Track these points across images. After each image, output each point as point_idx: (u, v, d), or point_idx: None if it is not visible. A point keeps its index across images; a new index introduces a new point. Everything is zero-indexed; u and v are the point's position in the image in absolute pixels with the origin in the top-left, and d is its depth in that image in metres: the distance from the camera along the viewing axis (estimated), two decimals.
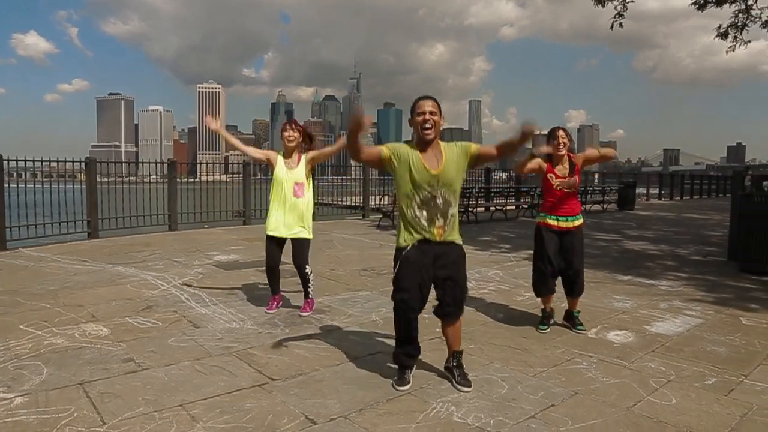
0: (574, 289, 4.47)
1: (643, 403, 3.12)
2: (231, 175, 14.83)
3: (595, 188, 19.63)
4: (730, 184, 30.68)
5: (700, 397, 3.23)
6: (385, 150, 3.23)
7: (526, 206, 15.29)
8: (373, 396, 3.16)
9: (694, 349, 4.08)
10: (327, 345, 4.02)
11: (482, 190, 15.11)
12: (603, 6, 11.84)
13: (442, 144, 3.27)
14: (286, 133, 4.70)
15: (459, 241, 3.32)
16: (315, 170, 4.91)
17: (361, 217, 13.91)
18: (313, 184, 4.94)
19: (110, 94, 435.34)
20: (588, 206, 17.54)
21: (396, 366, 3.42)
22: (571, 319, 4.54)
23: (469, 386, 3.26)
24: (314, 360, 3.70)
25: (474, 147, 3.31)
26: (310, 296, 4.85)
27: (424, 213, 3.20)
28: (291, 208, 4.67)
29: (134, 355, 3.75)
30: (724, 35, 12.56)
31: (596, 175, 27.99)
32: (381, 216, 12.27)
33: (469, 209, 13.46)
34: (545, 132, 4.53)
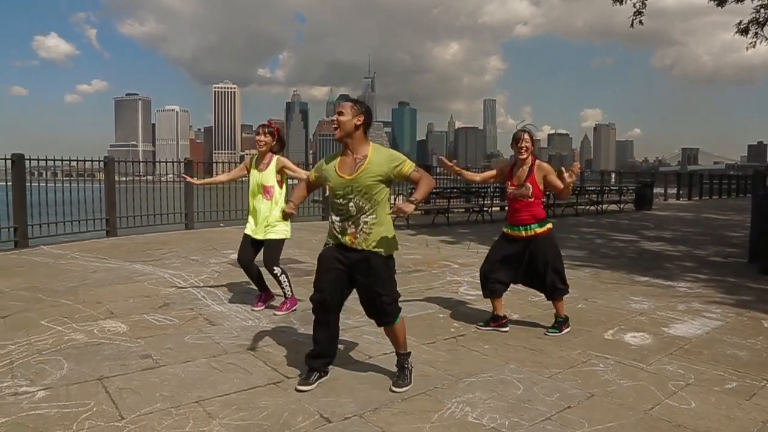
0: (554, 294, 4.38)
1: (661, 407, 3.09)
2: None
3: (611, 188, 19.43)
4: (750, 183, 30.26)
5: (720, 401, 3.18)
6: (312, 174, 3.41)
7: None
8: (388, 395, 3.17)
9: (713, 352, 4.02)
10: (342, 344, 4.03)
11: (497, 189, 15.04)
12: (621, 4, 11.72)
13: (372, 149, 3.18)
14: (257, 137, 4.78)
15: (378, 249, 3.18)
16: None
17: None
18: (286, 187, 4.91)
19: (128, 95, 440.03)
20: (604, 206, 17.40)
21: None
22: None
23: (401, 387, 3.22)
24: None
25: (406, 168, 3.16)
26: (288, 296, 4.86)
27: (338, 218, 3.21)
28: (258, 209, 4.77)
29: (152, 351, 3.79)
30: (744, 31, 12.38)
31: (613, 175, 27.72)
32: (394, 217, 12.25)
33: (484, 209, 13.41)
34: (562, 131, 4.49)
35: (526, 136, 4.31)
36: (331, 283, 3.21)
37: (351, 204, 3.14)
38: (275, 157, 4.75)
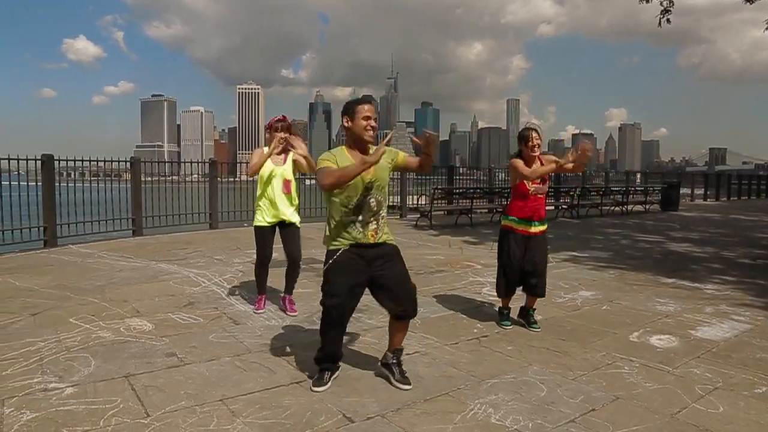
0: (537, 291, 4.47)
1: (688, 411, 3.03)
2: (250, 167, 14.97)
3: (637, 188, 19.14)
4: None
5: (750, 406, 3.11)
6: (330, 164, 3.11)
7: (565, 206, 15.02)
8: (411, 396, 3.16)
9: (742, 355, 3.94)
10: (365, 344, 4.04)
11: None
12: (648, 2, 11.54)
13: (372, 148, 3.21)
14: (279, 134, 4.73)
15: (393, 240, 3.31)
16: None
17: (398, 217, 13.91)
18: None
19: (153, 96, 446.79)
20: (630, 207, 17.15)
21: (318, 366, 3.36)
22: (527, 317, 4.56)
23: (409, 384, 3.23)
24: (352, 358, 3.72)
25: (401, 155, 3.30)
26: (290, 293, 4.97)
27: (358, 217, 3.16)
28: (282, 201, 4.74)
29: (176, 350, 3.84)
30: None
31: (638, 175, 27.31)
32: (418, 216, 12.26)
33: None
34: (587, 131, 4.46)
35: (534, 134, 4.35)
36: (349, 288, 3.18)
37: (372, 200, 3.16)
38: (291, 152, 4.79)
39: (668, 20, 11.52)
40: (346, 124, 3.20)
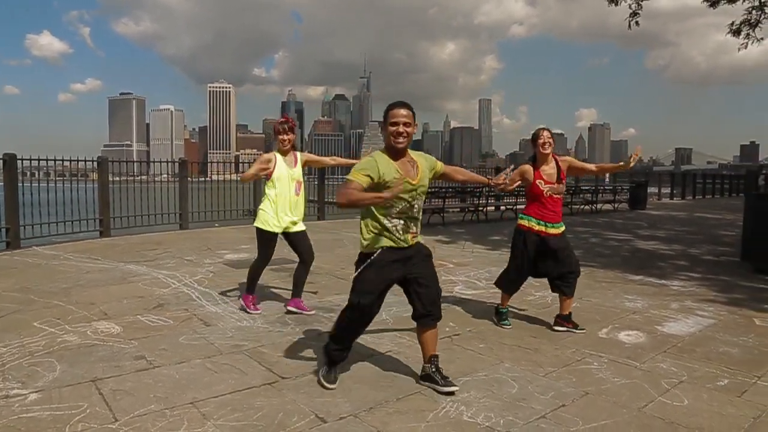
0: (572, 290, 4.47)
1: (655, 404, 3.10)
2: (242, 174, 14.87)
3: (606, 187, 19.49)
4: (743, 183, 30.40)
5: (713, 398, 3.20)
6: (362, 180, 3.04)
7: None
8: (383, 395, 3.17)
9: (706, 349, 4.05)
10: None
11: (492, 189, 15.05)
12: (617, 5, 11.74)
13: (413, 153, 3.27)
14: (283, 137, 4.74)
15: (421, 240, 3.37)
16: (325, 168, 5.03)
17: None
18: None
19: (122, 94, 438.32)
20: (599, 206, 17.45)
21: (326, 360, 3.40)
22: (571, 322, 4.49)
23: (455, 386, 3.24)
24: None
25: (440, 165, 3.41)
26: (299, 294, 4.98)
27: (400, 221, 3.18)
28: (293, 204, 4.77)
29: (146, 352, 3.78)
30: (736, 32, 12.41)
31: (607, 175, 27.77)
32: None
33: (480, 208, 13.43)
34: (557, 131, 4.54)
35: (546, 132, 4.40)
36: (384, 287, 3.24)
37: (416, 205, 3.22)
38: (299, 154, 4.84)
39: (637, 23, 11.73)
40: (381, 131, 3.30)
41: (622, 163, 4.48)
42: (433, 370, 3.32)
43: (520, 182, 4.45)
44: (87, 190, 9.78)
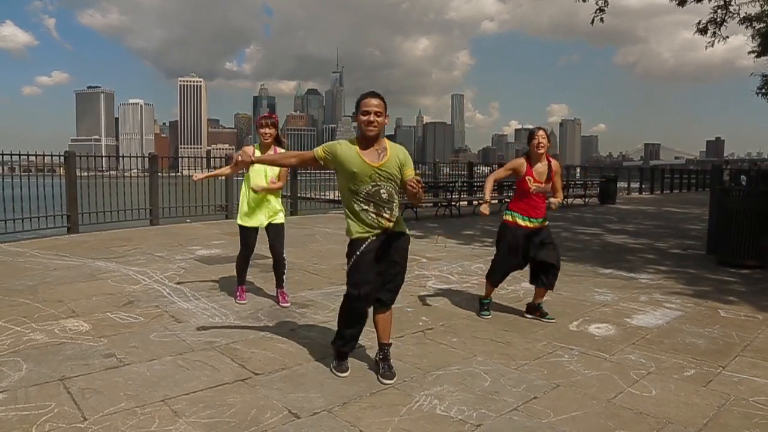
0: (553, 281, 4.59)
1: (624, 395, 3.17)
2: (213, 169, 14.68)
3: (576, 182, 19.79)
4: (709, 178, 31.09)
5: (679, 388, 3.28)
6: (319, 153, 3.30)
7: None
8: (357, 390, 3.17)
9: (673, 341, 4.15)
10: (310, 339, 4.02)
11: (465, 184, 15.17)
12: (584, 1, 11.88)
13: (389, 143, 3.32)
14: (264, 130, 4.75)
15: (404, 230, 3.40)
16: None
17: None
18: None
19: (89, 87, 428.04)
20: (569, 200, 17.69)
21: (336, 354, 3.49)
22: (540, 310, 4.65)
23: (392, 378, 3.29)
24: (297, 354, 3.70)
25: (409, 171, 3.31)
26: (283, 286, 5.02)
27: (370, 206, 3.24)
28: (266, 199, 4.80)
29: (115, 350, 3.71)
30: (703, 31, 12.69)
31: (578, 170, 28.19)
32: None
33: (452, 203, 13.50)
34: (528, 126, 4.62)
35: (541, 132, 4.48)
36: (376, 275, 3.27)
37: (383, 190, 3.23)
38: (279, 149, 4.79)
39: (602, 19, 11.85)
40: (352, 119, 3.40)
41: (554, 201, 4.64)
42: (380, 357, 3.41)
43: (508, 174, 4.60)
44: (54, 185, 9.55)
